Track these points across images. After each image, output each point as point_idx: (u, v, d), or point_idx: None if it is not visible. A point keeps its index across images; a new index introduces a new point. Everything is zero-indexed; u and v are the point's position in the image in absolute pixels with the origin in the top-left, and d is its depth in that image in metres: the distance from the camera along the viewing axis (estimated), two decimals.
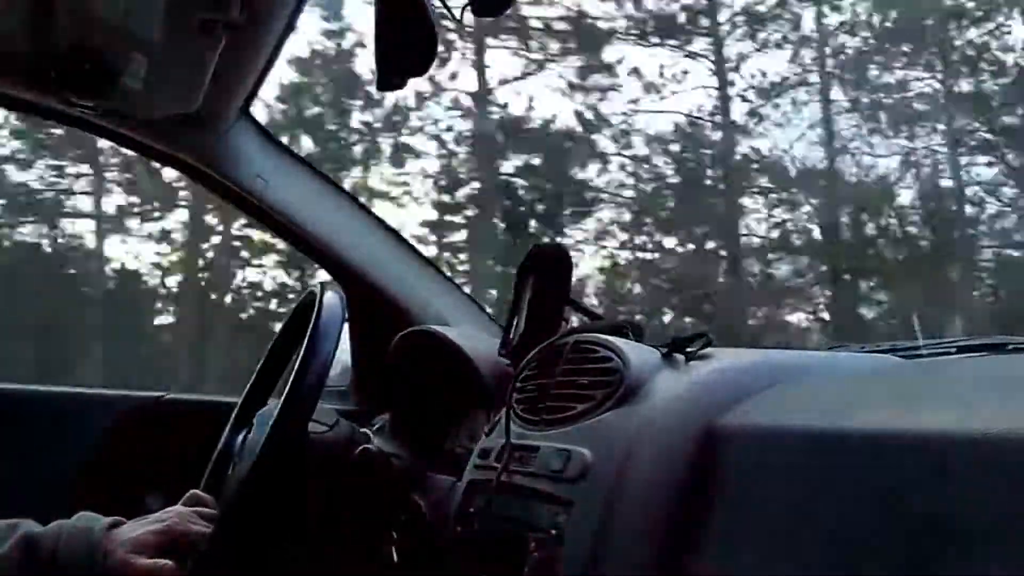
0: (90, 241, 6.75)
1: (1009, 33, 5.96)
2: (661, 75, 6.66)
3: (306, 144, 6.50)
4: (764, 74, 6.55)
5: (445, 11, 0.82)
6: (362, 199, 1.64)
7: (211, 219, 6.74)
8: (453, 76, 6.65)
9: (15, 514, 0.85)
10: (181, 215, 6.83)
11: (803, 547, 0.54)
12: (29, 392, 1.54)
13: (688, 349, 0.78)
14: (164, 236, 6.79)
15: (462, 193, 6.97)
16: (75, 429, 1.47)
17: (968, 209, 6.02)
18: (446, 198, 6.93)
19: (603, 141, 6.83)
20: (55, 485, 1.40)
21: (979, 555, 0.43)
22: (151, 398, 1.54)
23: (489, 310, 1.58)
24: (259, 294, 6.97)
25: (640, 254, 6.92)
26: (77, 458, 1.44)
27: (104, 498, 1.39)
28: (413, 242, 1.58)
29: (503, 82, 6.81)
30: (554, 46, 6.72)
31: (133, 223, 6.73)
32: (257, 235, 6.50)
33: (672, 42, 6.66)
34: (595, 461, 0.69)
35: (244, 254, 6.92)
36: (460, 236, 7.00)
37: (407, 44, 0.84)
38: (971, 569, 0.43)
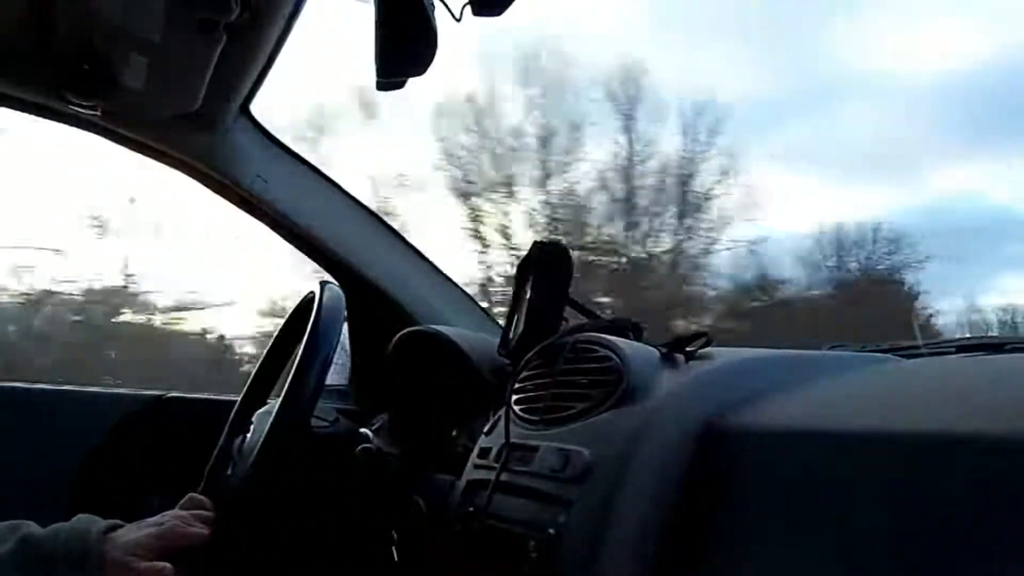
0: None
1: None
2: None
3: None
4: None
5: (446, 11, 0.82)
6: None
7: None
8: None
9: (15, 514, 0.85)
10: None
11: (803, 547, 0.54)
12: (30, 392, 1.54)
13: (688, 348, 0.78)
14: None
15: None
16: (76, 428, 1.47)
17: None
18: None
19: None
20: (55, 484, 1.41)
21: (979, 555, 0.43)
22: (152, 397, 1.55)
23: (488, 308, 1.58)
24: None
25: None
26: (77, 457, 1.44)
27: (105, 497, 1.40)
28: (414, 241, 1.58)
29: None
30: None
31: None
32: None
33: None
34: (595, 461, 0.69)
35: None
36: None
37: (407, 44, 0.84)
38: (971, 569, 0.43)
